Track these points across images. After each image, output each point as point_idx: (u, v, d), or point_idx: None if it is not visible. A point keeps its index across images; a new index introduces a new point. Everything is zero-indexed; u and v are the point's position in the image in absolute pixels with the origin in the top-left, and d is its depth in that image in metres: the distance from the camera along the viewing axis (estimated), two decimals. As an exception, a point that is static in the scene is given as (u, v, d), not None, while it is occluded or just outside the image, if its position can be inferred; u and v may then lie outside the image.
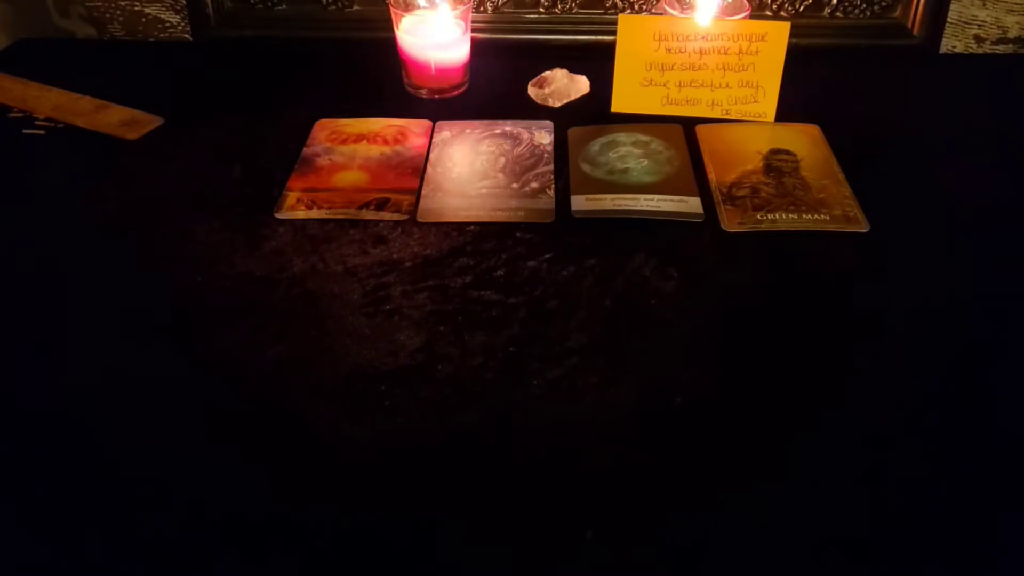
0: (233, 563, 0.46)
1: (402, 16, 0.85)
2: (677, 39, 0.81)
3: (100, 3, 0.99)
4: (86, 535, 0.48)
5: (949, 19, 0.95)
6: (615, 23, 0.82)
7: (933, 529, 0.48)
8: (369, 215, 0.71)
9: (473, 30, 0.89)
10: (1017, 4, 0.94)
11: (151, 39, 1.01)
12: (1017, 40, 0.97)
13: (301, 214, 0.71)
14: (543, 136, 0.81)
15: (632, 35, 0.82)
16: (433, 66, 0.86)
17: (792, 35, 0.80)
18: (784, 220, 0.70)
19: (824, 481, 0.50)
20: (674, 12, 0.84)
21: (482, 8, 0.96)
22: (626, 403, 0.55)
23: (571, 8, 0.96)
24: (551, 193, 0.73)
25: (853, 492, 0.49)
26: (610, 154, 0.78)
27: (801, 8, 0.95)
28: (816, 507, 0.49)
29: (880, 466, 0.51)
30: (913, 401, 0.55)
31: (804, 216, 0.70)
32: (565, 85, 0.87)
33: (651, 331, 0.60)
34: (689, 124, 0.82)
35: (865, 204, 0.71)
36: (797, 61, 0.81)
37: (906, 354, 0.58)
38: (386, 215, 0.71)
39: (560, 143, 0.80)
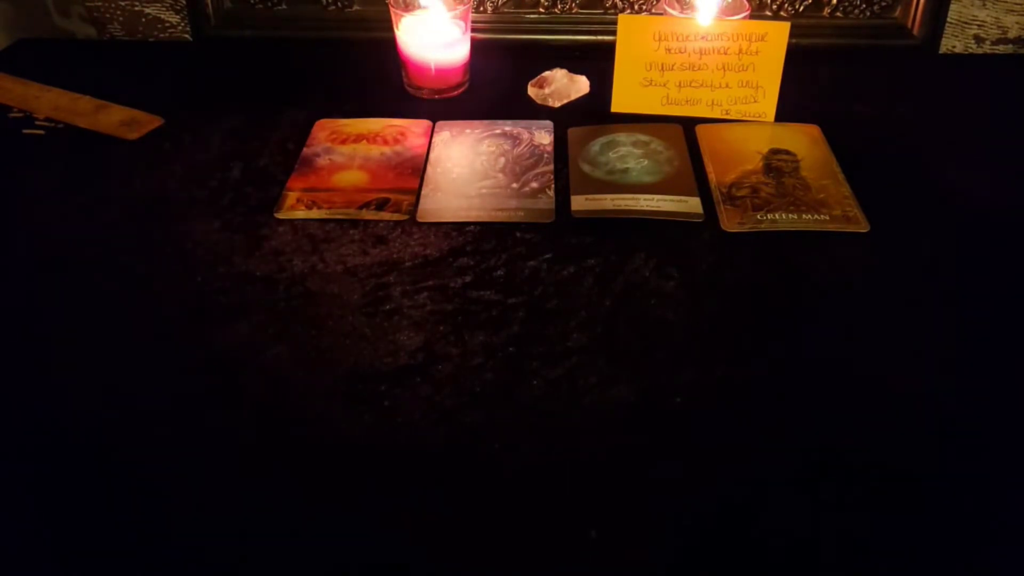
0: (233, 563, 0.46)
1: (402, 16, 0.85)
2: (677, 39, 0.81)
3: (100, 3, 0.99)
4: (82, 538, 0.48)
5: (949, 19, 0.95)
6: (615, 23, 0.82)
7: (935, 528, 0.48)
8: (369, 215, 0.71)
9: (473, 30, 0.89)
10: (1017, 4, 0.94)
11: (151, 39, 1.01)
12: (1017, 40, 0.97)
13: (301, 214, 0.71)
14: (543, 136, 0.81)
15: (632, 35, 0.82)
16: (433, 66, 0.86)
17: (792, 35, 0.80)
18: (784, 220, 0.70)
19: (824, 482, 0.50)
20: (674, 12, 0.84)
21: (482, 8, 0.96)
22: (626, 403, 0.55)
23: (571, 8, 0.96)
24: (551, 193, 0.73)
25: (854, 493, 0.49)
26: (610, 154, 0.78)
27: (801, 8, 0.95)
28: (816, 507, 0.49)
29: (880, 466, 0.51)
30: (913, 400, 0.55)
31: (804, 216, 0.70)
32: (565, 85, 0.87)
33: (651, 331, 0.60)
34: (689, 124, 0.82)
35: (865, 204, 0.71)
36: (797, 61, 0.81)
37: (906, 354, 0.58)
38: (386, 215, 0.71)
39: (560, 143, 0.80)
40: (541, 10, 0.97)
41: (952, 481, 0.50)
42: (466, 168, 0.77)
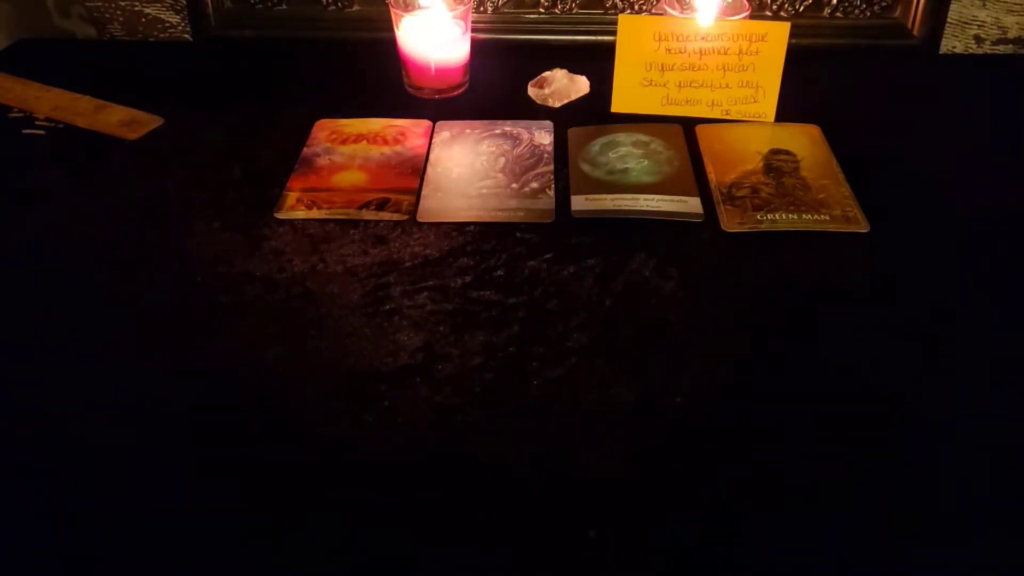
0: (232, 563, 0.46)
1: (402, 16, 0.85)
2: (677, 39, 0.81)
3: (100, 3, 0.99)
4: (82, 537, 0.48)
5: (949, 19, 0.95)
6: (615, 23, 0.82)
7: (936, 528, 0.48)
8: (369, 215, 0.71)
9: (473, 30, 0.89)
10: (1017, 4, 0.94)
11: (151, 39, 1.01)
12: (1017, 40, 0.97)
13: (301, 214, 0.71)
14: (543, 136, 0.81)
15: (632, 35, 0.82)
16: (433, 66, 0.86)
17: (792, 35, 0.80)
18: (784, 220, 0.70)
19: (824, 482, 0.50)
20: (674, 12, 0.84)
21: (482, 8, 0.96)
22: (626, 403, 0.55)
23: (571, 8, 0.96)
24: (551, 193, 0.73)
25: (854, 493, 0.49)
26: (610, 154, 0.78)
27: (801, 8, 0.95)
28: (817, 508, 0.49)
29: (880, 466, 0.51)
30: (913, 400, 0.55)
31: (804, 216, 0.70)
32: (565, 85, 0.87)
33: (651, 331, 0.60)
34: (689, 124, 0.82)
35: (865, 204, 0.71)
36: (797, 61, 0.81)
37: (906, 354, 0.58)
38: (386, 215, 0.71)
39: (560, 143, 0.80)
40: (541, 10, 0.97)
41: (952, 481, 0.50)
42: (466, 168, 0.77)
